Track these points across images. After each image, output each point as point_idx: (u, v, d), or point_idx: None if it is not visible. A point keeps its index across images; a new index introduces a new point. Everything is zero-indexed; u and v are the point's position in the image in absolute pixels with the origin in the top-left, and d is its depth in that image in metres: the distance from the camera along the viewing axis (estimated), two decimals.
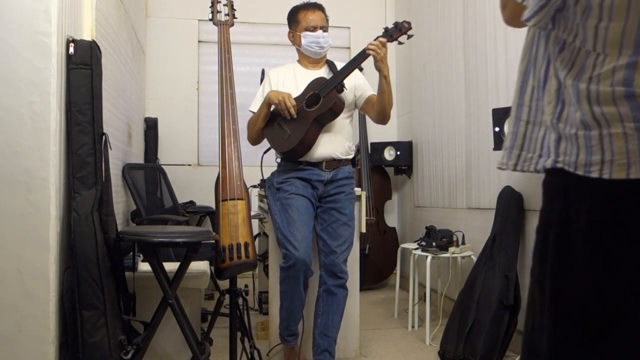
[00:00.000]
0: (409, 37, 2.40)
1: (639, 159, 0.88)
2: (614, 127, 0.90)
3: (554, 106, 0.98)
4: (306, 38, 2.55)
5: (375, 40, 2.36)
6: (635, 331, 0.92)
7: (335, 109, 2.44)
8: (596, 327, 0.94)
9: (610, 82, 0.90)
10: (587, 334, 0.94)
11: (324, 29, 2.58)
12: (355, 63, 2.43)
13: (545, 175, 1.04)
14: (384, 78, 2.40)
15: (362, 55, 2.39)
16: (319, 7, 2.62)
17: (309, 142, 2.45)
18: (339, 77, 2.44)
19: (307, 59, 2.64)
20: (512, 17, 1.08)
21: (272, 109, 2.52)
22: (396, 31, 2.39)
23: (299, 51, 2.65)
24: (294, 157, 2.50)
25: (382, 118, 2.55)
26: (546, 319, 0.98)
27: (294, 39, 2.62)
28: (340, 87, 2.44)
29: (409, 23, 2.39)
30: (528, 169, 1.05)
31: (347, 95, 2.52)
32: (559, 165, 0.97)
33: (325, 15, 2.61)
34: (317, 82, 2.48)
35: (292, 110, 2.42)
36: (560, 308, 0.97)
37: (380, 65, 2.36)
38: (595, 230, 0.93)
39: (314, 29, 2.55)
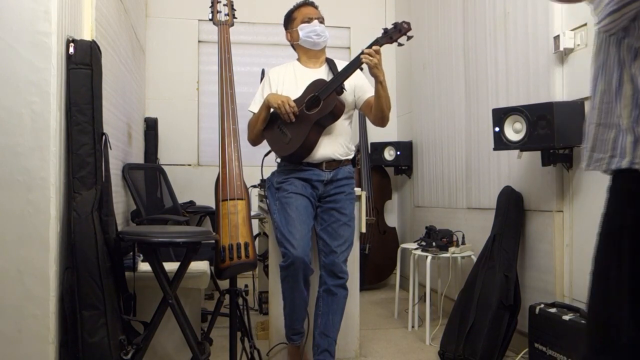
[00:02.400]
0: (409, 38, 2.37)
1: None
2: None
3: (630, 110, 1.01)
4: (303, 30, 2.55)
5: (368, 47, 2.33)
6: None
7: (335, 112, 2.43)
8: None
9: None
10: None
11: (320, 20, 2.57)
12: (352, 68, 2.40)
13: (614, 179, 1.05)
14: (379, 84, 2.38)
15: (358, 61, 2.36)
16: (312, 4, 2.64)
17: (309, 146, 2.44)
18: (338, 79, 2.42)
19: (306, 54, 2.62)
20: None
21: (271, 111, 2.52)
22: (395, 32, 2.35)
23: (298, 47, 2.64)
24: (295, 160, 2.49)
25: (381, 121, 2.53)
26: (626, 314, 1.01)
27: (292, 37, 2.62)
28: (340, 90, 2.42)
29: (408, 24, 2.35)
30: (600, 169, 1.07)
31: (347, 96, 2.51)
32: (636, 166, 0.99)
33: (320, 12, 2.62)
34: (317, 84, 2.47)
35: (292, 115, 2.41)
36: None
37: (376, 72, 2.34)
38: None
39: (310, 19, 2.56)
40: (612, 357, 1.01)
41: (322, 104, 2.41)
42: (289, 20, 2.64)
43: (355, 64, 2.39)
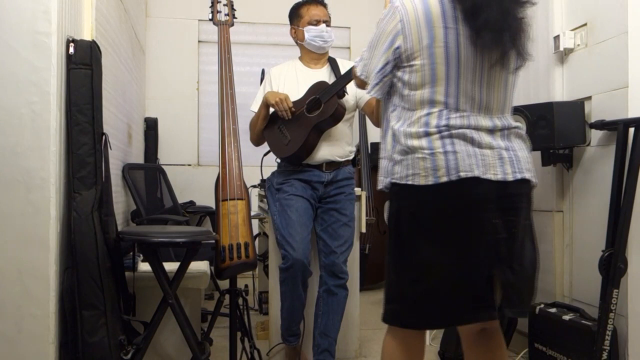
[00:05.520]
0: None
1: (431, 172, 1.45)
2: (418, 154, 1.47)
3: (391, 144, 1.55)
4: (309, 32, 2.51)
5: None
6: (442, 272, 1.47)
7: (336, 115, 2.41)
8: (421, 270, 1.51)
9: (417, 125, 1.49)
10: (418, 275, 1.51)
11: (327, 23, 2.54)
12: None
13: (391, 189, 1.57)
14: None
15: None
16: (321, 2, 2.60)
17: (308, 148, 2.43)
18: (340, 82, 2.39)
19: (309, 55, 2.59)
20: (360, 85, 1.69)
21: (271, 110, 2.51)
22: None
23: (301, 47, 2.61)
24: (294, 161, 2.49)
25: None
26: (393, 275, 1.59)
27: (297, 35, 2.58)
28: (342, 93, 2.40)
29: None
30: (382, 188, 1.60)
31: (349, 98, 2.49)
32: (394, 180, 1.53)
33: (328, 11, 2.59)
34: (319, 87, 2.44)
35: (289, 112, 2.39)
36: (401, 265, 1.55)
37: None
38: (413, 217, 1.50)
39: (317, 22, 2.51)
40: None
41: (323, 106, 2.39)
42: (295, 16, 2.59)
43: None
